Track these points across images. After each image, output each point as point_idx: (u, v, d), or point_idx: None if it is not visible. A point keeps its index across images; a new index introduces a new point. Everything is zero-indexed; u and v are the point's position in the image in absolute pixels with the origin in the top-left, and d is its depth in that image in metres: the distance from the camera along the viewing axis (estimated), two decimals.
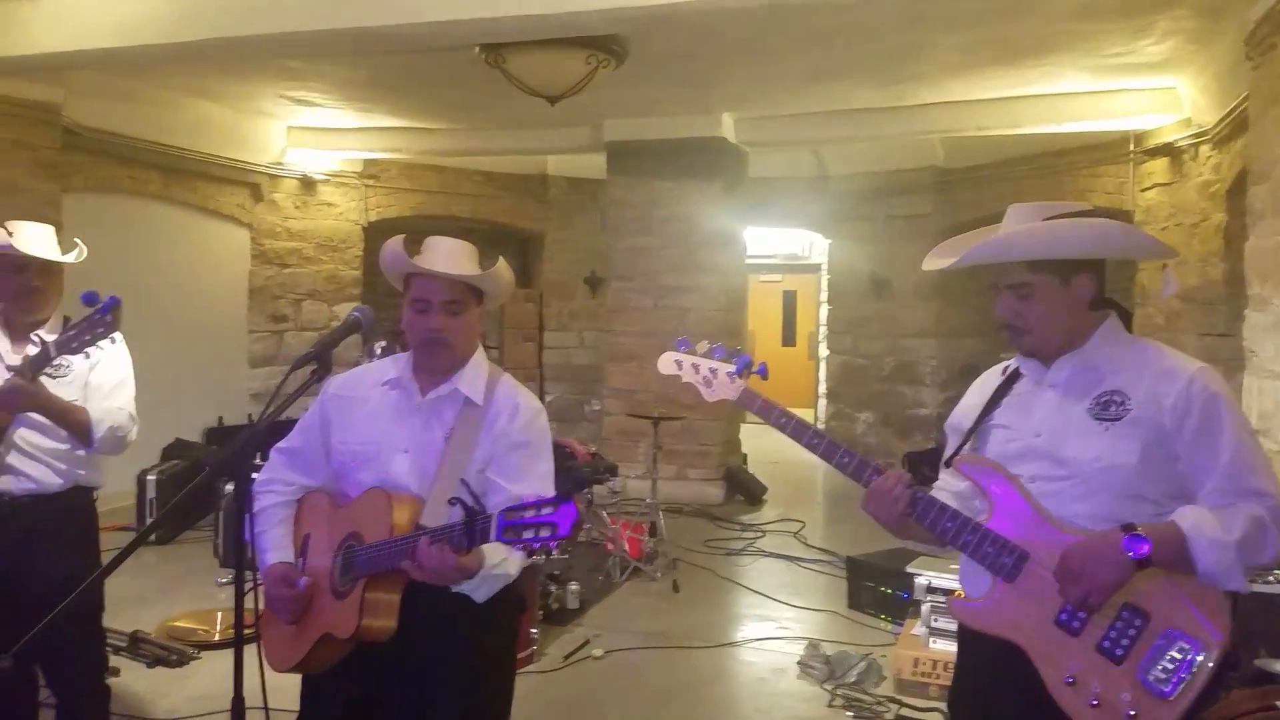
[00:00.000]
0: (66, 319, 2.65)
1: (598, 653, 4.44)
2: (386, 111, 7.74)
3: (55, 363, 2.56)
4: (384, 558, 1.87)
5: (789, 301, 12.95)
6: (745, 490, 8.00)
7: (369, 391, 2.14)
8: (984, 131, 7.17)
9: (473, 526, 1.72)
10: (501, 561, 1.92)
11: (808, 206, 9.90)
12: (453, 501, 1.73)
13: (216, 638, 4.38)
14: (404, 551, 1.83)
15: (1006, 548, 1.79)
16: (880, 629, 4.83)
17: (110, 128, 6.79)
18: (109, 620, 3.06)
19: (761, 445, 9.77)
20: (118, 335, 2.77)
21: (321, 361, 1.97)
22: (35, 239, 2.66)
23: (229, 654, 4.17)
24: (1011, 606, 1.79)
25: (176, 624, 4.46)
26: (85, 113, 6.54)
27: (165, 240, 7.53)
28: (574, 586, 5.04)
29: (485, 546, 1.86)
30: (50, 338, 2.51)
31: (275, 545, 2.10)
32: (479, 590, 1.94)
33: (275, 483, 2.17)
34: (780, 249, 12.64)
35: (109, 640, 3.77)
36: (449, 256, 2.03)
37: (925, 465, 9.25)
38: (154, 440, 6.78)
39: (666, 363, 2.34)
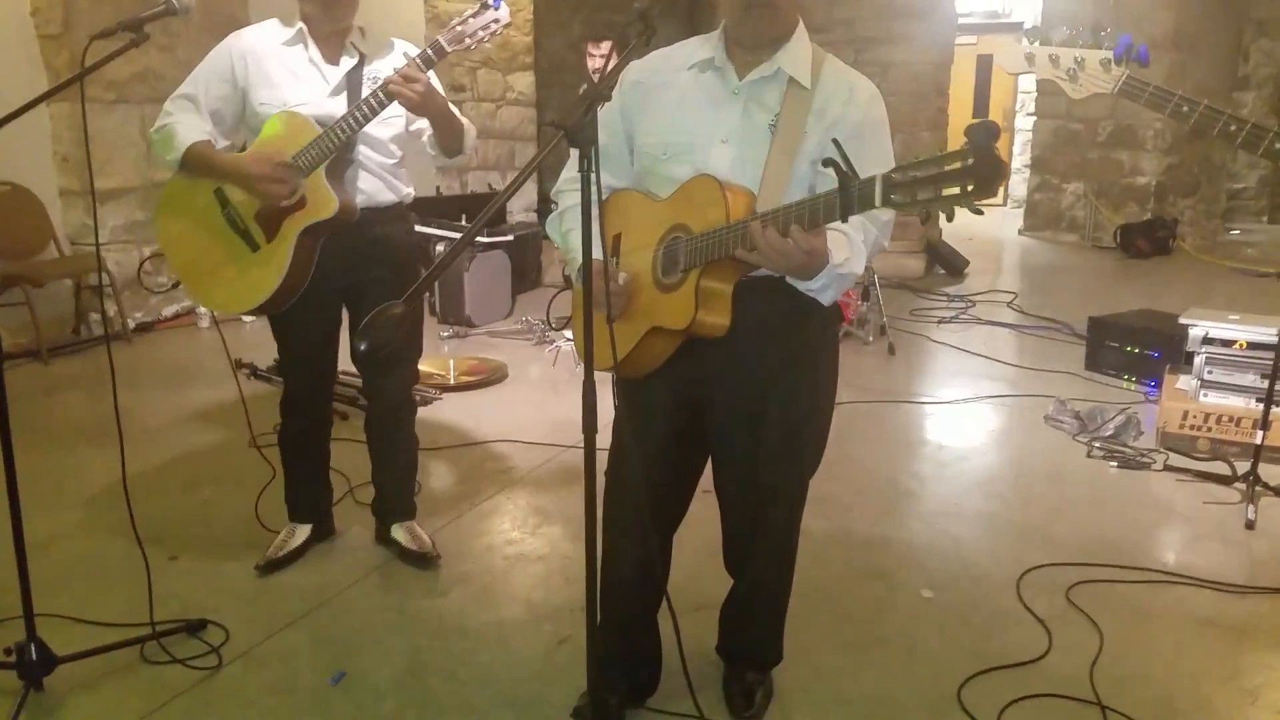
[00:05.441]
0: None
1: None
2: None
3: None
4: (725, 244, 1.68)
5: (983, 67, 11.73)
6: (946, 263, 7.57)
7: (675, 76, 1.90)
8: None
9: (848, 191, 1.48)
10: (846, 260, 1.70)
11: None
12: (826, 163, 1.49)
13: (453, 381, 4.52)
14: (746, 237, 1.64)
15: None
16: (1124, 389, 4.54)
17: None
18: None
19: (953, 223, 9.20)
20: None
21: (647, 24, 1.75)
22: None
23: (465, 395, 4.41)
24: None
25: None
26: None
27: None
28: None
29: (830, 241, 1.65)
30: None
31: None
32: (827, 291, 1.74)
33: (578, 181, 2.02)
34: (976, 6, 11.39)
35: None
36: None
37: (1140, 238, 8.53)
38: None
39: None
